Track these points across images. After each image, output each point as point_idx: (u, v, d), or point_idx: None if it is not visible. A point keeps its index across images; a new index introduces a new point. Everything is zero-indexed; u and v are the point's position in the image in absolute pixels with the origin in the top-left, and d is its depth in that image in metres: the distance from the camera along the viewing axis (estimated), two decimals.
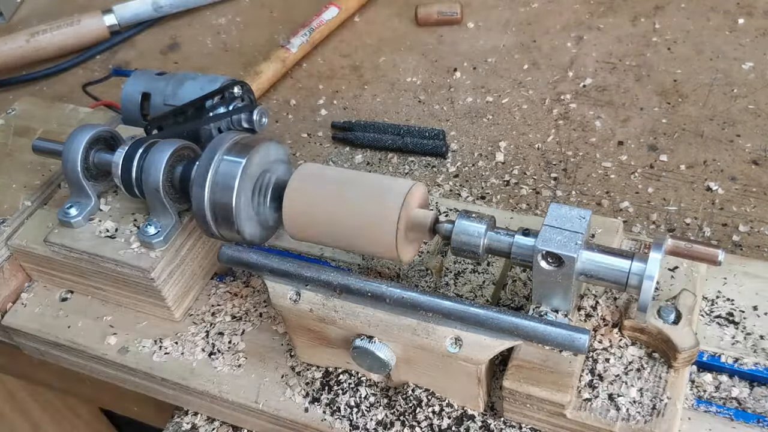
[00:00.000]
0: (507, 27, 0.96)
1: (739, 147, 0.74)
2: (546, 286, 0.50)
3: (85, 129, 0.63)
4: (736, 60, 0.84)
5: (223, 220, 0.56)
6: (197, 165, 0.57)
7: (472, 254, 0.51)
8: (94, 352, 0.63)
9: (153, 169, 0.58)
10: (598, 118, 0.80)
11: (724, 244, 0.66)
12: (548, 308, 0.51)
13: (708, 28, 0.89)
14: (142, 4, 1.05)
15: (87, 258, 0.62)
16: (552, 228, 0.48)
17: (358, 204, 0.52)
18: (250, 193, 0.56)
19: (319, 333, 0.55)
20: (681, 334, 0.49)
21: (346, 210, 0.53)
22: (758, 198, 0.69)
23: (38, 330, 0.66)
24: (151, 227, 0.60)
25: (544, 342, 0.48)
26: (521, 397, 0.50)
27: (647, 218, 0.69)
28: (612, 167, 0.75)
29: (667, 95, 0.82)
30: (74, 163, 0.62)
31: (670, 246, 0.47)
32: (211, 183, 0.55)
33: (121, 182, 0.61)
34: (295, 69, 0.95)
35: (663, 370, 0.50)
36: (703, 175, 0.72)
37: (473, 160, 0.78)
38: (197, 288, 0.65)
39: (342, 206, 0.53)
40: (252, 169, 0.56)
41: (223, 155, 0.56)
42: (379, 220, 0.52)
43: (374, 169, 0.80)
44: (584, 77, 0.86)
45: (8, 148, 0.77)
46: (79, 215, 0.63)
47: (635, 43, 0.89)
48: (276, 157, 0.58)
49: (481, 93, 0.87)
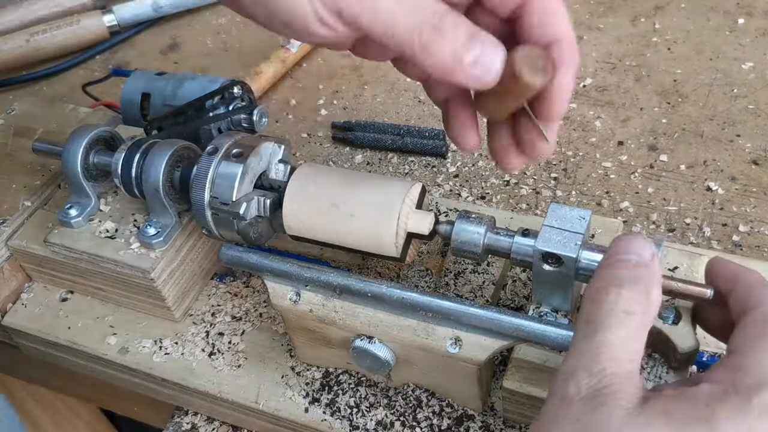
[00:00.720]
0: None
1: (739, 147, 0.74)
2: (546, 286, 0.50)
3: (85, 129, 0.63)
4: (736, 60, 0.84)
5: (223, 220, 0.56)
6: (197, 165, 0.57)
7: (472, 255, 0.52)
8: (94, 352, 0.63)
9: (153, 169, 0.58)
10: (598, 118, 0.80)
11: (724, 244, 0.66)
12: (548, 308, 0.52)
13: (708, 28, 0.89)
14: (141, 5, 1.05)
15: (87, 258, 0.62)
16: (552, 228, 0.48)
17: (358, 204, 0.52)
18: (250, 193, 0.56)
19: (319, 333, 0.55)
20: (681, 334, 0.49)
21: (345, 210, 0.53)
22: (758, 198, 0.69)
23: (38, 330, 0.66)
24: (151, 227, 0.60)
25: (544, 342, 0.48)
26: (521, 397, 0.50)
27: (647, 218, 0.69)
28: (612, 167, 0.75)
29: (667, 95, 0.82)
30: (74, 164, 0.62)
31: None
32: (211, 183, 0.55)
33: (121, 182, 0.61)
34: (295, 69, 0.95)
35: (663, 371, 0.49)
36: (703, 175, 0.72)
37: (473, 160, 0.78)
38: (197, 288, 0.65)
39: (342, 206, 0.53)
40: (252, 169, 0.56)
41: (223, 155, 0.56)
42: (379, 221, 0.52)
43: (374, 169, 0.80)
44: (584, 77, 0.86)
45: (8, 148, 0.77)
46: (79, 215, 0.63)
47: (635, 43, 0.89)
48: (276, 157, 0.58)
49: None
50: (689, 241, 0.67)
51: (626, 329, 0.37)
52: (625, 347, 0.37)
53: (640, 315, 0.38)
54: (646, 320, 0.38)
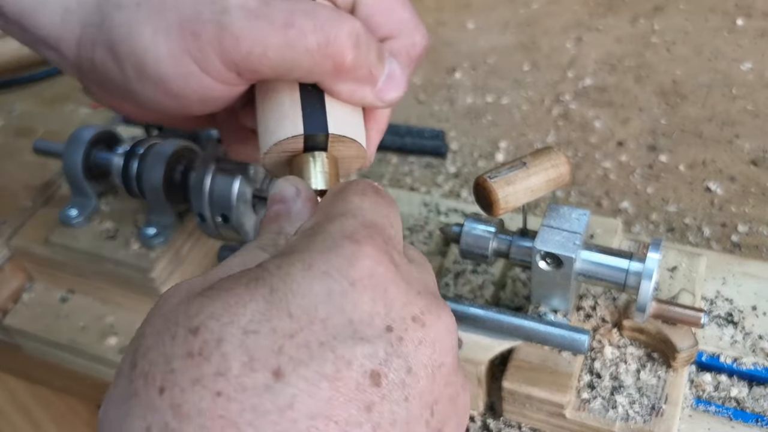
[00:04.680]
0: (507, 27, 0.96)
1: (738, 147, 0.74)
2: (545, 286, 0.50)
3: (85, 129, 0.63)
4: (734, 61, 0.84)
5: (222, 220, 0.56)
6: (197, 165, 0.57)
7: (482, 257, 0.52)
8: (94, 352, 0.64)
9: (153, 169, 0.59)
10: (597, 119, 0.81)
11: (722, 244, 0.66)
12: (548, 308, 0.52)
13: (707, 29, 0.89)
14: None
15: (87, 258, 0.62)
16: (551, 228, 0.48)
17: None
18: (249, 193, 0.56)
19: None
20: (680, 334, 0.49)
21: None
22: (757, 198, 0.69)
23: (39, 330, 0.66)
24: (151, 227, 0.60)
25: (544, 342, 0.48)
26: (521, 397, 0.50)
27: (646, 218, 0.69)
28: (611, 167, 0.75)
29: (667, 96, 0.82)
30: (75, 164, 0.62)
31: (654, 309, 0.48)
32: (211, 183, 0.55)
33: (121, 182, 0.61)
34: None
35: (662, 370, 0.50)
36: (702, 176, 0.73)
37: (473, 160, 0.79)
38: None
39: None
40: (251, 169, 0.56)
41: (223, 155, 0.56)
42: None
43: (374, 170, 0.80)
44: (584, 78, 0.86)
45: (9, 148, 0.77)
46: (79, 215, 0.63)
47: (634, 43, 0.89)
48: None
49: (480, 93, 0.87)
50: (688, 241, 0.67)
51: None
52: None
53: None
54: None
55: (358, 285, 0.29)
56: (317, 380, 0.27)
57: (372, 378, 0.28)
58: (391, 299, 0.30)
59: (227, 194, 0.55)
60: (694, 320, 0.48)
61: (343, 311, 0.28)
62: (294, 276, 0.29)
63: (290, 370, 0.27)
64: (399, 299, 0.30)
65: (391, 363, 0.28)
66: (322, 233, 0.31)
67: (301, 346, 0.27)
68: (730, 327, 0.54)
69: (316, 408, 0.26)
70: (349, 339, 0.28)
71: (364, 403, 0.27)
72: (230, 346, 0.27)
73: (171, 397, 0.26)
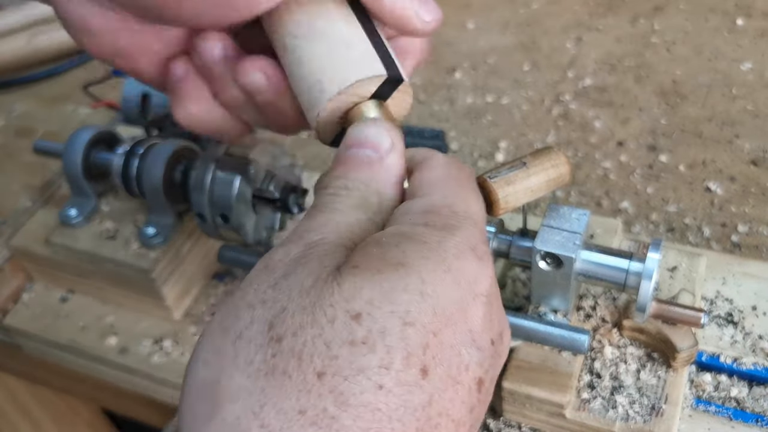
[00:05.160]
0: (507, 27, 0.96)
1: (738, 147, 0.74)
2: (545, 286, 0.50)
3: (85, 129, 0.63)
4: (734, 61, 0.84)
5: (222, 221, 0.56)
6: (197, 165, 0.57)
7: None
8: (94, 352, 0.64)
9: (153, 169, 0.59)
10: (597, 119, 0.81)
11: (722, 244, 0.66)
12: (548, 308, 0.52)
13: (707, 29, 0.89)
14: None
15: (87, 258, 0.62)
16: (550, 228, 0.48)
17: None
18: (249, 193, 0.56)
19: None
20: (680, 334, 0.49)
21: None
22: (757, 198, 0.69)
23: (39, 330, 0.66)
24: (151, 227, 0.60)
25: (544, 342, 0.48)
26: (521, 397, 0.50)
27: (646, 218, 0.69)
28: (611, 167, 0.75)
29: (667, 96, 0.82)
30: (75, 164, 0.62)
31: (654, 309, 0.49)
32: (211, 184, 0.55)
33: (121, 182, 0.61)
34: None
35: (662, 370, 0.50)
36: (702, 176, 0.73)
37: (473, 160, 0.79)
38: (197, 288, 0.65)
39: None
40: (251, 169, 0.56)
41: (223, 156, 0.56)
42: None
43: None
44: (584, 78, 0.86)
45: (9, 148, 0.77)
46: (79, 215, 0.63)
47: (634, 43, 0.89)
48: (275, 156, 0.58)
49: (480, 93, 0.87)
50: (688, 241, 0.67)
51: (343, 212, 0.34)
52: (344, 225, 0.33)
53: (369, 217, 0.34)
54: (376, 219, 0.35)
55: (477, 300, 0.31)
56: (447, 381, 0.29)
57: (478, 384, 0.30)
58: (495, 316, 0.32)
59: (227, 194, 0.55)
60: (694, 320, 0.48)
61: (466, 320, 0.30)
62: (438, 274, 0.30)
63: (432, 368, 0.28)
64: (498, 316, 0.33)
65: (488, 373, 0.31)
66: (452, 236, 0.32)
67: (440, 345, 0.29)
68: (730, 327, 0.54)
69: (443, 407, 0.28)
70: (469, 346, 0.30)
71: (471, 405, 0.30)
72: (393, 339, 0.28)
73: (333, 384, 0.27)
